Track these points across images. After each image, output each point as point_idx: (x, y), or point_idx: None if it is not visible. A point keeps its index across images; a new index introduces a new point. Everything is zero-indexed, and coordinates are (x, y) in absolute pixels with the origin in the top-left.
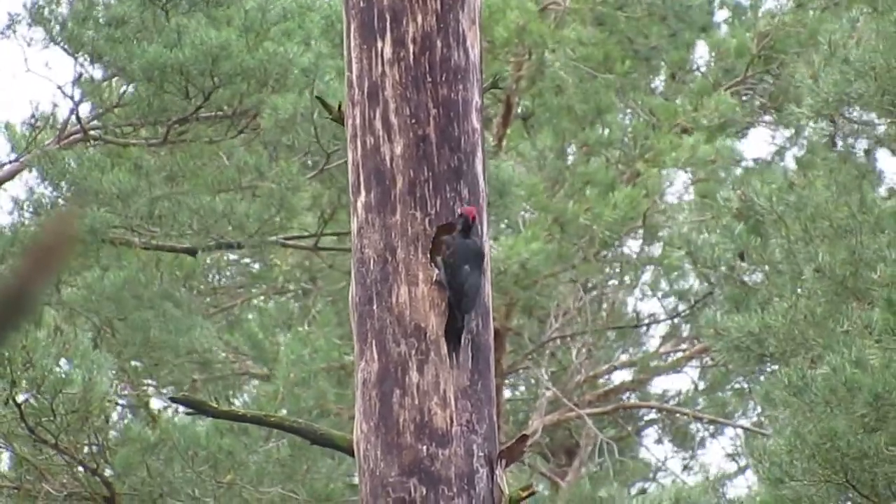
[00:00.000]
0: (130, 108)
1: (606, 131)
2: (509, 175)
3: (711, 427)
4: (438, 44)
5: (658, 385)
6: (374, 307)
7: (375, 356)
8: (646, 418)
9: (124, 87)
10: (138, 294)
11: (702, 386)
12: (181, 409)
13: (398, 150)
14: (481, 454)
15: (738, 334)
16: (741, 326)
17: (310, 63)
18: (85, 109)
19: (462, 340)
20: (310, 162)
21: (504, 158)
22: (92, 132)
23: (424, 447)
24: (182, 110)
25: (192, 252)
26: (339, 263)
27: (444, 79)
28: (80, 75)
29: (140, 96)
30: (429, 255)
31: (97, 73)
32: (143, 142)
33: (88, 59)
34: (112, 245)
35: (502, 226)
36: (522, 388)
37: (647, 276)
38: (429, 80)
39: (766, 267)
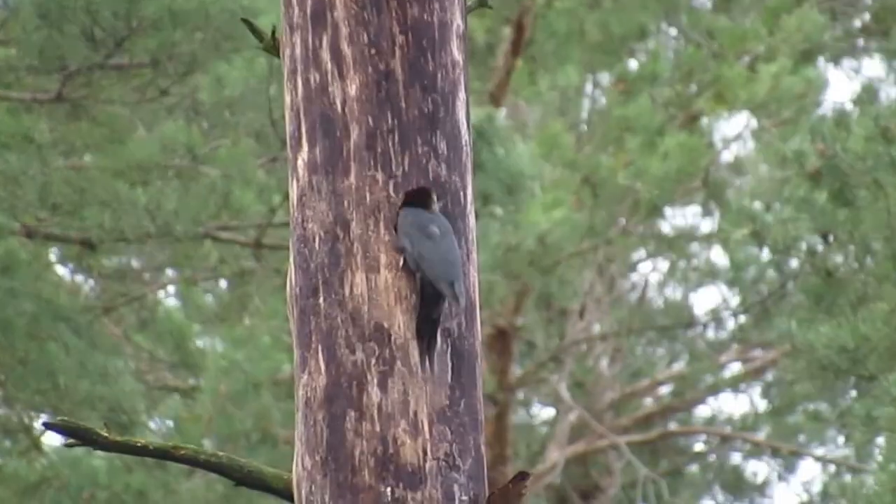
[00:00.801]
0: (14, 50)
1: (642, 61)
2: (526, 165)
3: (777, 464)
4: None
5: (708, 408)
6: (321, 301)
7: (322, 367)
8: (691, 450)
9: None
10: (24, 312)
11: (763, 407)
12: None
13: (352, 90)
14: (465, 498)
15: (825, 350)
16: (830, 340)
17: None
18: None
19: (438, 339)
20: (256, 136)
21: (517, 141)
22: None
23: (388, 489)
24: (84, 59)
25: (90, 245)
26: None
27: None
28: None
29: (28, 37)
30: (393, 231)
31: None
32: (30, 95)
33: None
34: None
35: None
36: (537, 408)
37: (706, 256)
38: None
39: (858, 251)
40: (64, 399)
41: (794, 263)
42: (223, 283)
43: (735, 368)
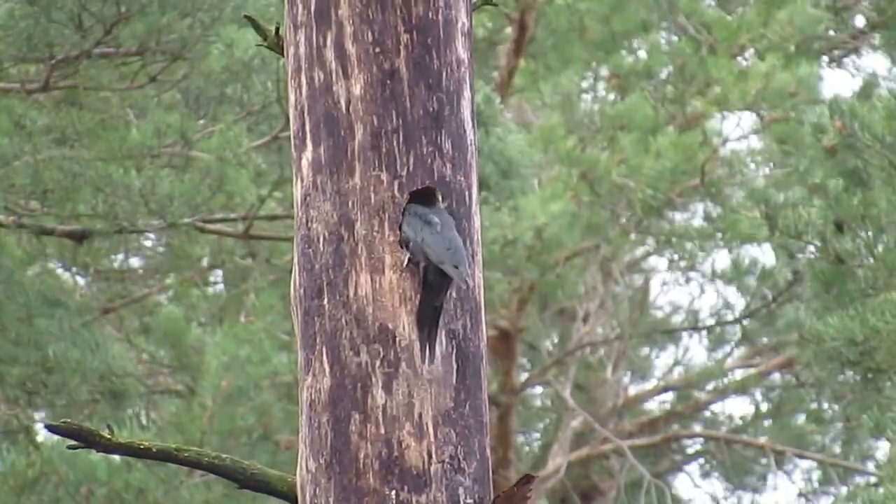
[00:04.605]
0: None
1: (639, 56)
2: (519, 151)
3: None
4: None
5: (710, 411)
6: (325, 302)
7: (327, 368)
8: (689, 451)
9: None
10: (16, 297)
11: (765, 408)
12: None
13: (357, 89)
14: (469, 501)
15: (834, 342)
16: (838, 332)
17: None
18: None
19: (439, 329)
20: (250, 122)
21: (512, 128)
22: None
23: (393, 492)
24: (72, 46)
25: (79, 237)
26: (285, 233)
27: None
28: None
29: (16, 24)
30: (398, 232)
31: None
32: (18, 86)
33: None
34: None
35: None
36: (539, 412)
37: (709, 258)
38: None
39: (871, 235)
40: (53, 372)
41: (804, 252)
42: (220, 283)
43: (739, 373)
